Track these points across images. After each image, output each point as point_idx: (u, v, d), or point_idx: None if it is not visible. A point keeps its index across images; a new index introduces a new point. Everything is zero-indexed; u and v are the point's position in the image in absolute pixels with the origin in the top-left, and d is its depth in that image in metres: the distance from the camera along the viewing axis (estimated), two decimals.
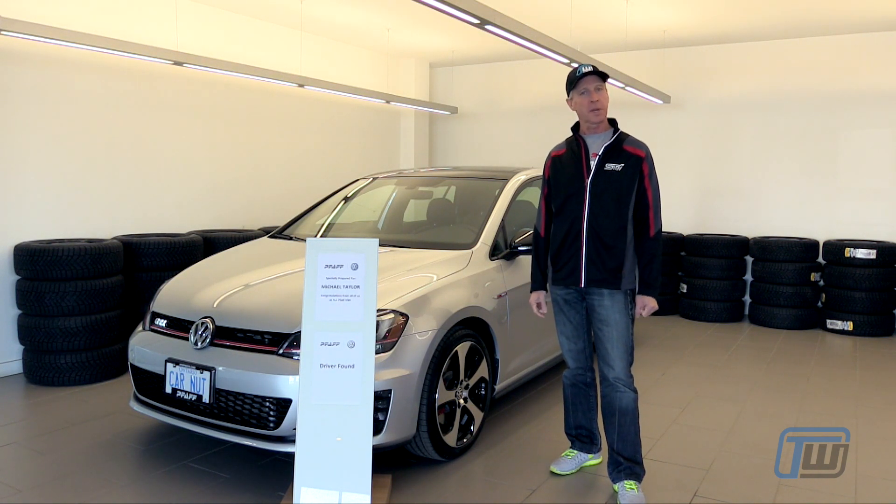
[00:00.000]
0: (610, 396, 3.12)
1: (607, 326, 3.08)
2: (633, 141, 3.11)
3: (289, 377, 2.99)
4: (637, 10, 6.22)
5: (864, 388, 4.88)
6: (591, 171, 3.06)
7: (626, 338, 3.09)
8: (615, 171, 3.03)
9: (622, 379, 3.09)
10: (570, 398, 3.40)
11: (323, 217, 4.83)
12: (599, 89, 3.05)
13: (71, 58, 5.18)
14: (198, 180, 6.30)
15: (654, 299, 3.10)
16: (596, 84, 3.04)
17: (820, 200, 7.24)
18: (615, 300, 3.06)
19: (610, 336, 3.08)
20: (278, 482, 3.23)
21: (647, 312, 3.12)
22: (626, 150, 3.06)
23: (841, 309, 6.68)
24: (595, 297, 3.09)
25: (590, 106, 3.04)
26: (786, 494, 3.20)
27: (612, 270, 3.03)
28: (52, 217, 5.14)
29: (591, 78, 3.04)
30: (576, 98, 3.09)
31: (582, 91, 3.06)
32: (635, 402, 3.11)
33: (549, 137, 8.63)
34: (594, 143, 3.10)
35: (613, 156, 3.05)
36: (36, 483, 3.24)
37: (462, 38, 7.56)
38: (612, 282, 3.04)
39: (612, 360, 3.09)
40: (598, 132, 3.12)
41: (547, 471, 3.41)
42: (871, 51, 6.90)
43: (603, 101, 3.05)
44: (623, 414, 3.09)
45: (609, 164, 3.04)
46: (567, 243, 3.10)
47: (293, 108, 7.36)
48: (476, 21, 4.08)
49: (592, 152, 3.08)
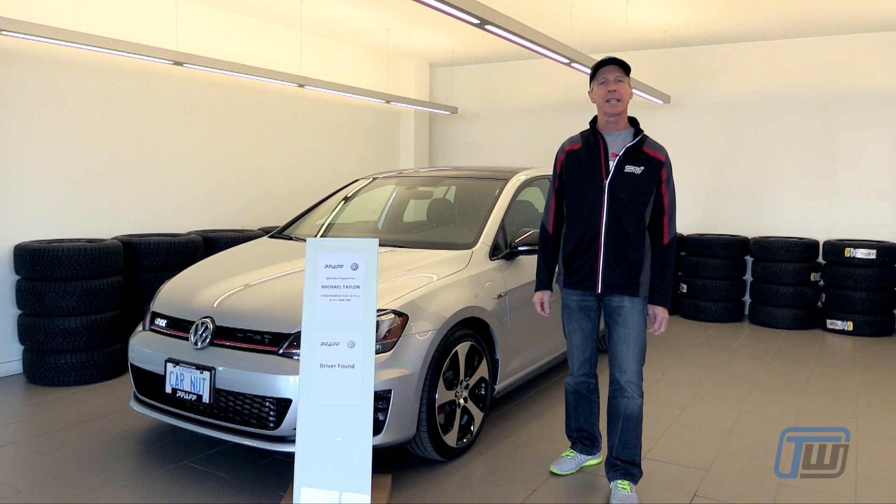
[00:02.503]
0: (616, 400, 3.07)
1: (625, 329, 3.00)
2: (653, 144, 3.01)
3: (289, 377, 2.99)
4: (637, 10, 6.22)
5: (864, 388, 4.88)
6: (609, 173, 2.95)
7: (642, 342, 3.03)
8: (635, 173, 2.92)
9: (633, 383, 3.03)
10: (573, 403, 3.36)
11: (323, 217, 4.83)
12: (620, 80, 2.94)
13: (71, 58, 5.18)
14: (198, 180, 6.30)
15: (665, 310, 3.02)
16: (616, 75, 2.94)
17: (820, 200, 7.24)
18: (635, 303, 2.99)
19: (627, 338, 3.01)
20: (278, 482, 3.23)
21: (661, 326, 3.02)
22: (647, 152, 2.97)
23: (841, 309, 6.68)
24: (615, 300, 3.01)
25: (607, 96, 2.94)
26: (786, 494, 3.20)
27: (631, 277, 2.95)
28: (52, 217, 5.14)
29: (612, 68, 2.95)
30: (595, 88, 3.00)
31: (602, 81, 2.96)
32: (641, 408, 3.06)
33: (549, 137, 8.64)
34: (614, 142, 2.99)
35: (634, 157, 2.95)
36: (36, 483, 3.24)
37: (462, 38, 7.55)
38: (630, 288, 2.96)
39: (626, 363, 3.03)
40: (617, 129, 3.01)
41: (547, 471, 3.41)
42: (871, 51, 6.90)
43: (622, 92, 2.94)
44: (627, 419, 3.05)
45: (629, 167, 2.93)
46: (583, 247, 3.01)
47: (293, 108, 7.36)
48: (476, 21, 4.08)
49: (612, 152, 2.97)
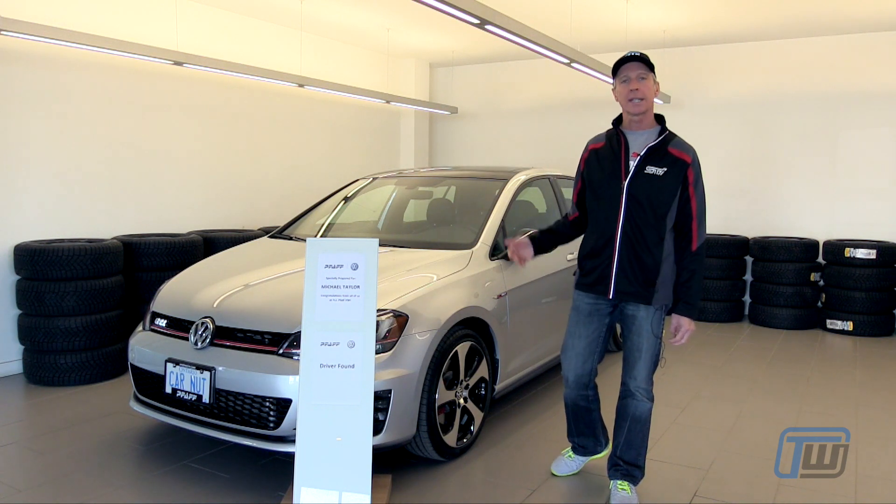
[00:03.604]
0: (626, 401, 3.02)
1: (638, 338, 2.93)
2: (679, 143, 2.86)
3: (289, 377, 2.99)
4: (637, 10, 6.22)
5: (864, 388, 4.88)
6: (629, 174, 2.83)
7: (655, 350, 2.94)
8: (656, 175, 2.79)
9: (642, 388, 2.98)
10: (572, 416, 3.27)
11: (323, 217, 4.83)
12: (643, 78, 2.81)
13: (71, 58, 5.18)
14: (198, 180, 6.30)
15: (692, 320, 2.91)
16: (639, 72, 2.81)
17: (820, 200, 7.24)
18: (649, 312, 2.90)
19: (640, 346, 2.93)
20: (278, 482, 3.23)
21: (683, 337, 2.91)
22: (672, 152, 2.82)
23: (841, 309, 6.68)
24: (630, 308, 2.93)
25: (629, 95, 2.82)
26: (786, 494, 3.20)
27: (645, 284, 2.84)
28: (52, 217, 5.14)
29: (635, 65, 2.81)
30: (618, 86, 2.88)
31: (623, 79, 2.84)
32: (650, 411, 3.02)
33: (549, 137, 8.66)
34: (636, 142, 2.87)
35: (656, 158, 2.82)
36: (36, 483, 3.24)
37: (462, 38, 7.55)
38: (643, 296, 2.86)
39: (637, 370, 2.96)
40: (641, 128, 2.89)
41: (547, 471, 3.40)
42: (871, 51, 6.90)
43: (644, 90, 2.80)
44: (635, 421, 3.01)
45: (650, 167, 2.81)
46: (597, 249, 2.93)
47: (293, 108, 7.36)
48: (476, 21, 4.07)
49: (633, 151, 2.85)
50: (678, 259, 2.90)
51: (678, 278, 2.90)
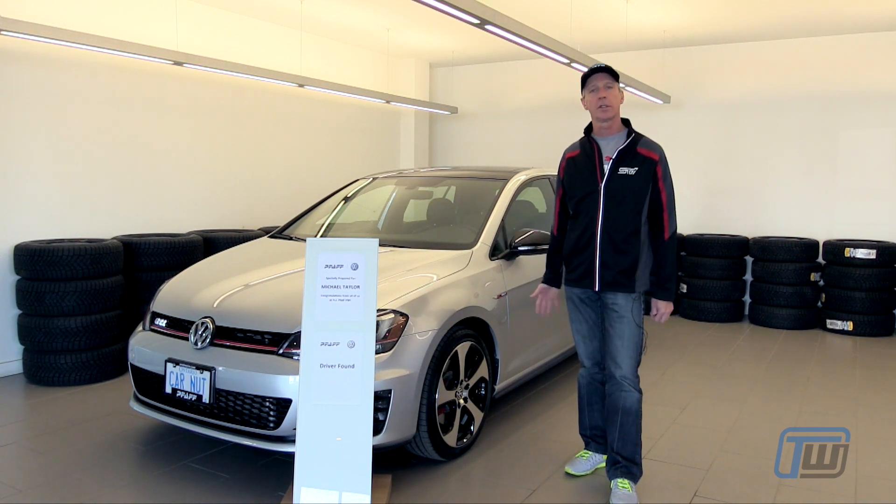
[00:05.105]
0: (614, 395, 3.12)
1: (619, 324, 3.08)
2: (647, 143, 3.10)
3: (289, 377, 2.99)
4: (637, 10, 6.22)
5: (864, 388, 4.88)
6: (605, 176, 3.06)
7: (637, 337, 3.10)
8: (629, 174, 3.03)
9: (628, 378, 3.09)
10: (586, 398, 3.39)
11: (323, 217, 4.83)
12: (609, 87, 3.04)
13: (71, 58, 5.18)
14: (198, 180, 6.30)
15: (669, 303, 3.12)
16: (605, 81, 3.04)
17: (820, 200, 7.24)
18: (629, 299, 3.08)
19: (621, 333, 3.08)
20: (278, 482, 3.23)
21: (663, 317, 3.12)
22: (640, 152, 3.05)
23: (841, 309, 6.68)
24: (609, 295, 3.11)
25: (598, 103, 3.04)
26: (786, 494, 3.21)
27: (626, 273, 3.04)
28: (52, 217, 5.14)
29: (601, 75, 3.05)
30: (587, 96, 3.10)
31: (592, 88, 3.07)
32: (639, 402, 3.11)
33: (549, 137, 8.65)
34: (607, 146, 3.10)
35: (627, 159, 3.05)
36: (36, 483, 3.24)
37: (462, 38, 7.55)
38: (625, 284, 3.05)
39: (621, 358, 3.09)
40: (611, 133, 3.12)
41: (547, 471, 3.41)
42: (871, 51, 6.90)
43: (611, 98, 3.04)
44: (626, 413, 3.09)
45: (623, 168, 3.04)
46: (580, 246, 3.12)
47: (293, 108, 7.36)
48: (476, 21, 4.08)
49: (606, 156, 3.08)
50: (653, 248, 3.11)
51: (654, 266, 3.12)
